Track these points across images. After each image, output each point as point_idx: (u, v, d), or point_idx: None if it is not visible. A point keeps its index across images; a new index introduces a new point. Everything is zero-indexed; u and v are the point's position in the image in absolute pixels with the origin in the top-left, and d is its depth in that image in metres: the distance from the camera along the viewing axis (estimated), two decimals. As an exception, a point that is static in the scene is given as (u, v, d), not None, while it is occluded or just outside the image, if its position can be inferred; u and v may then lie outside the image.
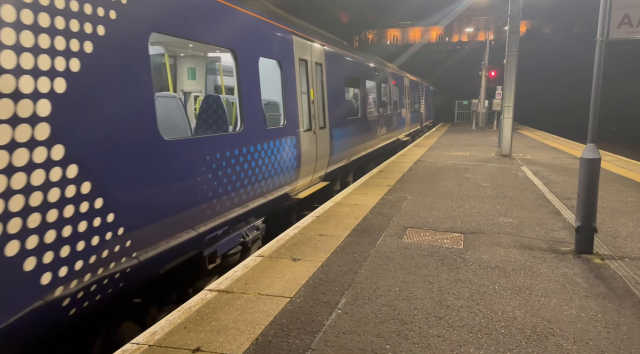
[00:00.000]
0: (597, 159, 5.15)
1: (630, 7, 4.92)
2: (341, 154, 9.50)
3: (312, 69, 8.08)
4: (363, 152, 11.69)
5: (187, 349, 3.13)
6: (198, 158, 4.46)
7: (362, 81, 11.82)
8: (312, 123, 7.87)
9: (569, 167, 12.01)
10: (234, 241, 5.47)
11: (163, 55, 7.56)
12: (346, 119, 9.97)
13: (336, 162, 9.22)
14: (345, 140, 9.71)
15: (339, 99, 9.50)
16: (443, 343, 3.26)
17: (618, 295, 4.12)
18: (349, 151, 10.08)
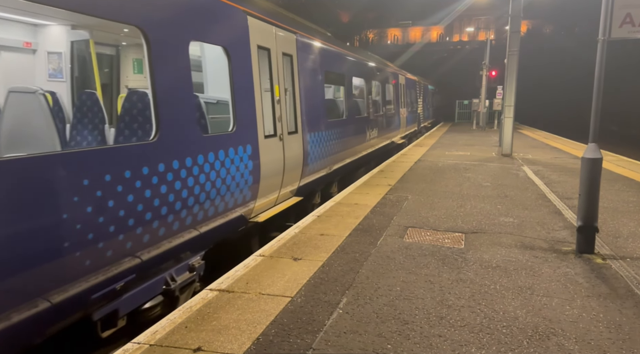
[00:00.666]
0: (598, 158, 5.14)
1: (633, 7, 4.90)
2: (320, 162, 8.10)
3: (277, 61, 6.58)
4: (349, 158, 10.26)
5: (188, 349, 3.12)
6: (69, 184, 3.12)
7: (348, 78, 10.35)
8: (278, 127, 6.44)
9: (570, 167, 12.00)
10: (150, 291, 4.12)
11: (87, 42, 5.80)
12: (327, 122, 8.60)
13: (313, 173, 7.82)
14: (325, 146, 8.36)
15: (316, 99, 8.05)
16: (444, 343, 3.26)
17: (619, 295, 4.11)
18: (330, 158, 8.67)
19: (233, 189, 5.13)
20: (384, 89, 14.57)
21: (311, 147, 7.63)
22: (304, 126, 7.42)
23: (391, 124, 15.58)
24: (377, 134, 13.03)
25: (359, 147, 11.11)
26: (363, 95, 12.37)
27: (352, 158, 10.58)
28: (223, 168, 4.89)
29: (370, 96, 12.59)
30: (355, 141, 10.75)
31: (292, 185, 6.96)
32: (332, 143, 8.83)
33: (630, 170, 11.47)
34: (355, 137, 10.75)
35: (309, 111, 7.62)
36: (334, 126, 9.07)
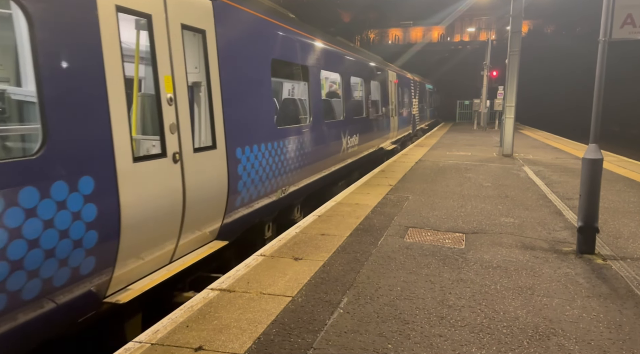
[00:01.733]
0: (599, 159, 5.15)
1: (634, 7, 4.91)
2: (264, 186, 5.97)
3: (170, 38, 4.22)
4: (317, 175, 8.06)
5: (190, 348, 3.13)
6: None
7: (314, 72, 8.07)
8: (170, 142, 4.20)
9: (571, 167, 12.00)
10: None
11: None
12: (276, 130, 6.36)
13: (252, 202, 5.71)
14: (273, 163, 6.22)
15: (256, 98, 5.83)
16: (445, 343, 3.26)
17: (620, 295, 4.12)
18: (282, 178, 6.52)
19: (56, 255, 3.07)
20: (369, 87, 12.40)
21: (246, 168, 5.46)
22: (231, 137, 5.14)
23: (379, 128, 13.51)
24: (358, 141, 10.90)
25: (331, 158, 8.86)
26: (339, 94, 10.61)
27: (322, 174, 8.39)
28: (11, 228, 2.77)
29: (350, 95, 10.51)
30: (326, 151, 8.46)
31: (208, 225, 4.85)
32: (287, 158, 6.65)
33: (631, 171, 11.47)
34: (326, 146, 8.49)
35: (241, 116, 5.40)
36: (290, 135, 6.82)
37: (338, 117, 9.73)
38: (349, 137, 10.11)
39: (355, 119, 10.79)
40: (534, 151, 16.21)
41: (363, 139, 11.45)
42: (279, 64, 6.90)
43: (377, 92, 13.92)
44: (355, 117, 10.81)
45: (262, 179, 5.90)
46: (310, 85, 7.92)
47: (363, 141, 11.47)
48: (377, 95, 13.89)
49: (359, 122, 11.15)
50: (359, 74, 11.57)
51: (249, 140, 5.58)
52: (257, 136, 5.79)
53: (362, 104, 11.84)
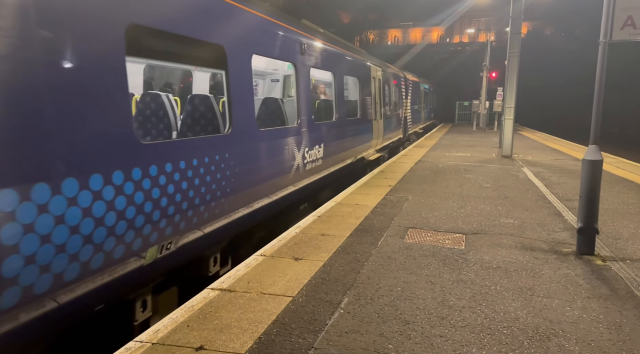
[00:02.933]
0: (599, 160, 5.16)
1: (634, 9, 4.92)
2: (115, 252, 3.52)
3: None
4: (242, 210, 5.51)
5: (190, 348, 3.13)
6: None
7: (236, 56, 5.43)
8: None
9: (570, 168, 12.02)
10: None
11: None
12: (135, 147, 3.75)
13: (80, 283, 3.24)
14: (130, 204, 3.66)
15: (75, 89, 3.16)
16: (445, 343, 3.27)
17: (620, 296, 4.13)
18: (159, 227, 4.01)
19: None
20: (341, 84, 9.80)
21: (67, 227, 3.09)
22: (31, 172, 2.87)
23: (356, 135, 10.97)
24: (323, 153, 8.37)
25: (272, 183, 6.33)
26: (292, 92, 9.10)
27: (254, 206, 5.76)
28: None
29: (310, 93, 7.94)
30: (260, 174, 5.97)
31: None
32: (168, 193, 4.11)
33: (631, 172, 11.49)
34: (260, 167, 5.99)
35: (57, 126, 3.03)
36: (174, 155, 4.24)
37: (288, 122, 7.44)
38: (307, 149, 7.55)
39: (319, 125, 8.33)
40: (533, 152, 16.23)
41: (332, 149, 8.97)
42: (146, 35, 4.16)
43: (355, 91, 11.59)
44: (319, 122, 8.44)
45: (107, 247, 3.43)
46: (232, 77, 5.29)
47: (332, 152, 8.99)
48: (355, 94, 11.66)
49: (326, 128, 8.67)
50: (328, 67, 8.99)
51: (82, 167, 3.21)
52: (105, 160, 3.41)
53: (331, 105, 9.38)
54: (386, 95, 15.13)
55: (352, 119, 10.67)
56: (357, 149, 11.01)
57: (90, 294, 3.31)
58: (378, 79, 13.63)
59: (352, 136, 10.60)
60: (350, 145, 10.50)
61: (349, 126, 10.34)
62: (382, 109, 14.26)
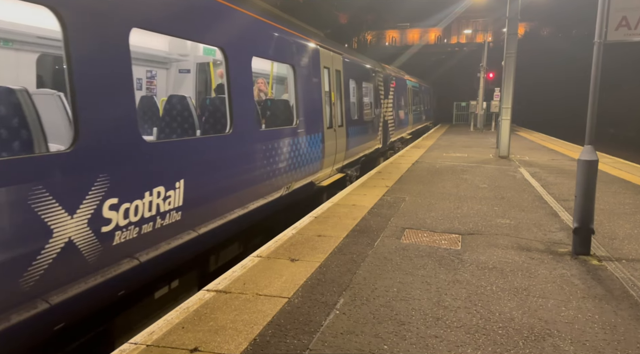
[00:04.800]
0: (594, 160, 5.17)
1: (628, 10, 4.94)
2: None
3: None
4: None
5: (185, 349, 3.13)
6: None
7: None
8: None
9: (567, 169, 12.04)
10: None
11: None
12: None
13: None
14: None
15: None
16: (441, 344, 3.27)
17: (615, 296, 4.13)
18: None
19: None
20: (240, 73, 5.92)
21: None
22: None
23: (296, 153, 7.23)
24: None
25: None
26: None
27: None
28: None
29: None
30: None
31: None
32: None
33: (627, 172, 11.52)
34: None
35: None
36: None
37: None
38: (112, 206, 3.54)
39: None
40: (530, 152, 16.26)
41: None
42: None
43: (282, 87, 9.18)
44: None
45: None
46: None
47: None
48: (280, 91, 9.29)
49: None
50: (214, 39, 5.32)
51: None
52: None
53: (223, 107, 5.50)
54: (351, 93, 11.35)
55: (281, 130, 6.89)
56: (292, 174, 7.09)
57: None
58: (336, 70, 9.78)
59: (289, 159, 6.91)
60: (298, 165, 7.21)
61: (270, 141, 6.32)
62: (344, 112, 10.20)
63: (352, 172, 11.18)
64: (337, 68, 10.01)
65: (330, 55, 9.54)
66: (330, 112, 9.21)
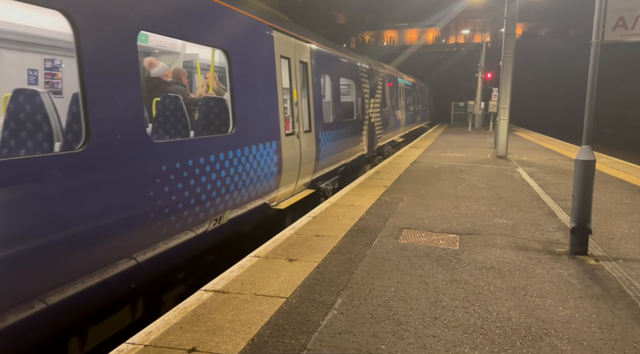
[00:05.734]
0: (592, 160, 5.18)
1: (626, 10, 4.95)
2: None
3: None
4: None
5: (183, 349, 3.12)
6: None
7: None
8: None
9: (564, 168, 12.06)
10: None
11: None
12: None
13: None
14: None
15: None
16: (438, 343, 3.27)
17: (612, 296, 4.15)
18: None
19: None
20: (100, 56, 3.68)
21: None
22: None
23: (235, 176, 5.47)
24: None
25: None
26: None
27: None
28: None
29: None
30: None
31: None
32: None
33: (624, 172, 11.55)
34: None
35: None
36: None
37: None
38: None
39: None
40: (527, 152, 16.29)
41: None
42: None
43: (239, 95, 5.81)
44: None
45: None
46: None
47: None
48: (234, 102, 5.84)
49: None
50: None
51: None
52: None
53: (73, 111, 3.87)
54: (326, 91, 9.96)
55: (200, 140, 4.96)
56: (226, 200, 5.30)
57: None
58: (301, 62, 7.91)
59: (192, 177, 4.63)
60: (184, 201, 4.53)
61: (172, 157, 4.38)
62: (313, 114, 8.38)
63: (327, 186, 9.09)
64: (303, 59, 8.03)
65: (291, 42, 7.41)
66: (291, 114, 7.43)
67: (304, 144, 7.75)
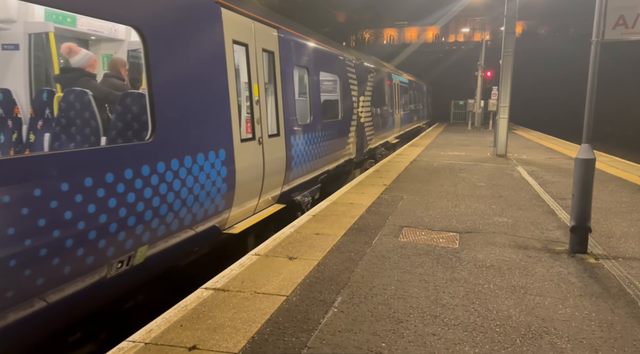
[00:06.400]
0: (591, 159, 5.19)
1: (626, 9, 4.95)
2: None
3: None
4: None
5: (184, 347, 3.13)
6: None
7: None
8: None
9: (564, 167, 12.07)
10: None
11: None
12: None
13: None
14: None
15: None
16: (438, 342, 3.28)
17: (612, 294, 4.15)
18: None
19: None
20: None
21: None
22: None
23: (157, 199, 4.09)
24: None
25: None
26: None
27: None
28: None
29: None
30: None
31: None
32: None
33: (624, 171, 11.55)
34: None
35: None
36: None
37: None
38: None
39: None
40: (527, 151, 16.29)
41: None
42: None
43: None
44: None
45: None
46: None
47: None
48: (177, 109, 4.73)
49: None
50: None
51: None
52: None
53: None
54: (304, 88, 8.65)
55: (93, 152, 3.71)
56: (143, 231, 4.05)
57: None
58: (264, 50, 6.53)
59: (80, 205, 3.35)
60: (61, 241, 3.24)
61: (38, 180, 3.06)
62: (282, 114, 6.93)
63: (304, 198, 7.86)
64: (268, 47, 6.58)
65: (250, 25, 6.06)
66: (251, 115, 6.06)
67: (269, 151, 6.27)
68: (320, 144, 8.58)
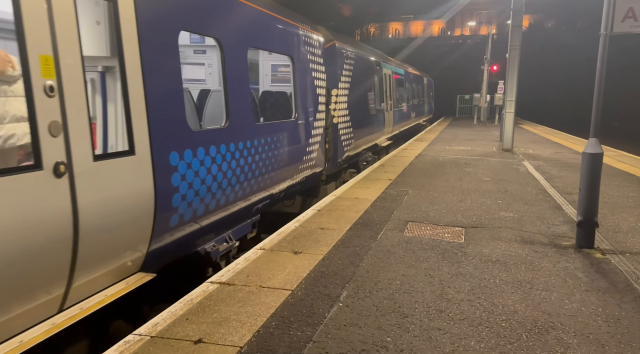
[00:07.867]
0: (599, 153, 5.15)
1: (635, 1, 4.89)
2: None
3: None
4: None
5: (189, 341, 3.14)
6: None
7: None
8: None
9: (571, 162, 11.99)
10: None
11: None
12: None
13: None
14: None
15: None
16: (444, 336, 3.27)
17: (619, 290, 4.13)
18: None
19: None
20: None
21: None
22: None
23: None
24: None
25: None
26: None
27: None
28: None
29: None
30: None
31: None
32: None
33: (631, 165, 11.47)
34: None
35: None
36: None
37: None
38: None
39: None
40: (533, 145, 16.20)
41: None
42: None
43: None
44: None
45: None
46: None
47: None
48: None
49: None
50: None
51: None
52: None
53: None
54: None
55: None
56: None
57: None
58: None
59: None
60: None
61: None
62: (129, 118, 3.63)
63: (218, 245, 5.12)
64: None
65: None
66: (31, 117, 2.82)
67: (99, 185, 3.35)
68: (252, 157, 5.73)
